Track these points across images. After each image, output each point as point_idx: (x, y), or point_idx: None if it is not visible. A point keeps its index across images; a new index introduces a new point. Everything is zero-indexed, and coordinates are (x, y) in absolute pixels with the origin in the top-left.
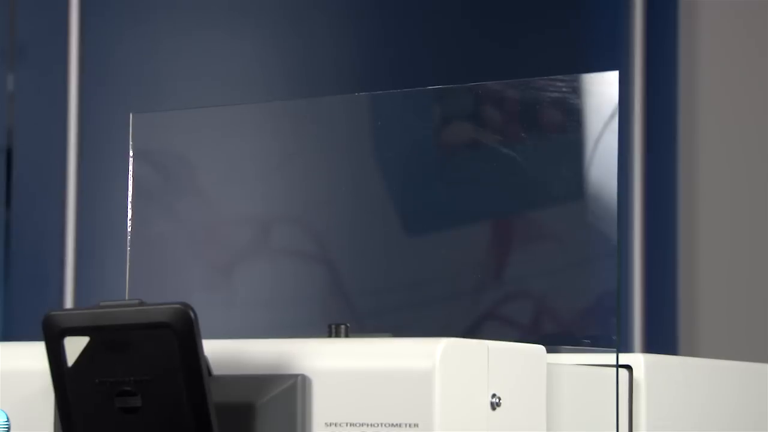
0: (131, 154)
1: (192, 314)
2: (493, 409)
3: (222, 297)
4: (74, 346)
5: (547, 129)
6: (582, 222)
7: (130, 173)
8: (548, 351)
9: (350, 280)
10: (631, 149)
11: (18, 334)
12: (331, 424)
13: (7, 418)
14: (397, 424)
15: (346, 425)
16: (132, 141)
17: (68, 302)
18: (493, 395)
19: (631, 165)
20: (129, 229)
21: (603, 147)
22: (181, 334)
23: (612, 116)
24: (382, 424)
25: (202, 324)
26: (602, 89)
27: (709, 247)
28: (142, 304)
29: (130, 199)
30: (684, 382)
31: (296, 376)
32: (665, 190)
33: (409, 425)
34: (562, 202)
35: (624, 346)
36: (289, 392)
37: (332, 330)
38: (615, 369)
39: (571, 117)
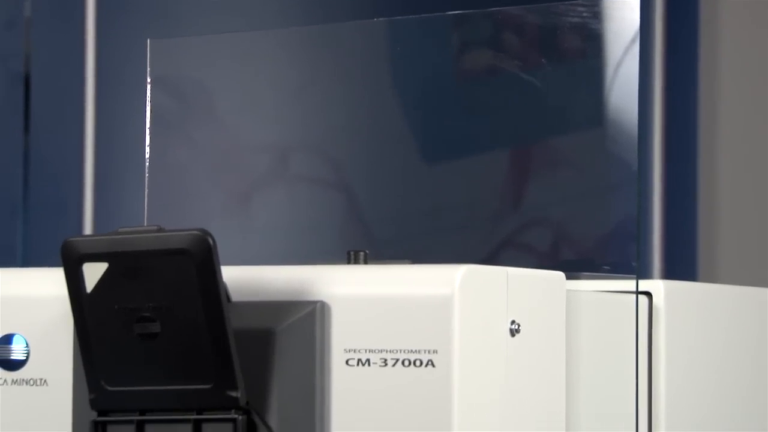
0: (149, 80)
1: (210, 240)
2: (513, 335)
3: (240, 224)
4: (93, 273)
5: (567, 55)
6: (602, 148)
7: (148, 100)
8: (568, 278)
9: (369, 208)
10: (651, 75)
11: (37, 261)
12: (349, 350)
13: (27, 344)
14: (415, 351)
15: (365, 351)
16: (149, 67)
17: (87, 229)
18: (513, 322)
19: (652, 90)
20: (147, 156)
21: (623, 73)
22: (199, 261)
23: (633, 41)
24: (400, 351)
25: (221, 251)
26: (623, 14)
27: (729, 173)
28: (160, 230)
29: (147, 125)
30: (704, 308)
31: (315, 302)
32: (685, 115)
33: (428, 351)
34: (582, 128)
35: (643, 273)
36: (307, 318)
37: (351, 256)
38: (635, 295)
39: (591, 42)
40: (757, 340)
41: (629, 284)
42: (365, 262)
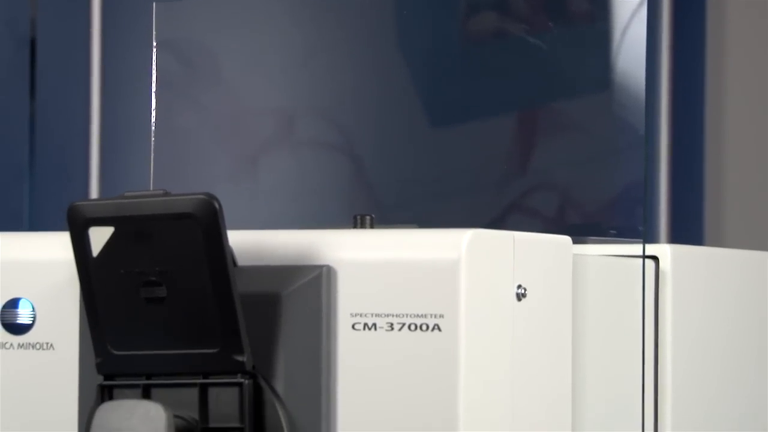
0: (154, 44)
1: (216, 204)
2: (519, 299)
3: (247, 188)
4: (99, 237)
5: (574, 18)
6: (609, 112)
7: (154, 64)
8: (574, 242)
9: (375, 172)
10: (658, 38)
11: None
12: (355, 315)
13: (33, 308)
14: (422, 315)
15: (371, 316)
16: (155, 31)
17: (93, 193)
18: (519, 286)
19: (659, 54)
20: (153, 120)
21: (630, 36)
22: (205, 225)
23: (640, 4)
24: (407, 315)
25: (227, 215)
26: None
27: (736, 136)
28: (166, 194)
29: (153, 89)
30: (710, 272)
31: (321, 266)
32: (692, 79)
33: (434, 316)
34: (589, 92)
35: (650, 237)
36: (314, 283)
37: (357, 221)
38: (641, 260)
39: (598, 6)
40: (763, 304)
41: (636, 248)
42: (371, 227)
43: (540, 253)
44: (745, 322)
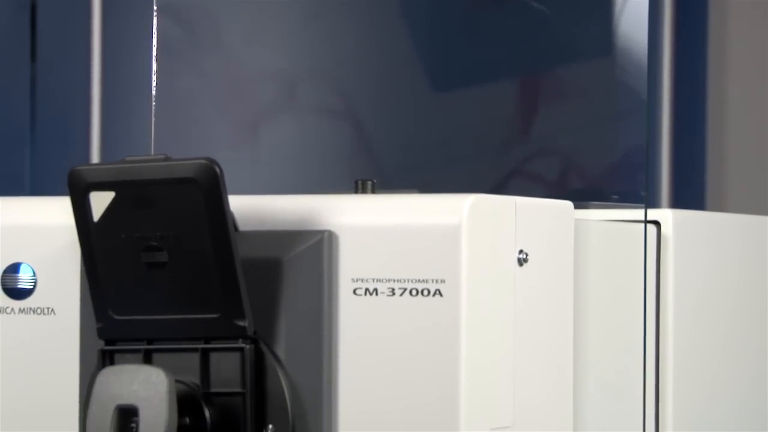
0: (155, 8)
1: (217, 169)
2: (521, 265)
3: (248, 153)
4: (100, 202)
5: None
6: (611, 77)
7: (155, 28)
8: (576, 207)
9: (376, 137)
10: (661, 3)
11: (45, 190)
12: (357, 280)
13: (34, 273)
14: (423, 280)
15: (373, 281)
16: None
17: (94, 158)
18: (521, 251)
19: (661, 18)
20: (154, 85)
21: (633, 1)
22: (206, 190)
23: None
24: (408, 280)
25: (228, 180)
26: None
27: (738, 101)
28: (167, 159)
29: (154, 54)
30: (712, 237)
31: (323, 231)
32: (695, 44)
33: (436, 281)
34: (591, 57)
35: (652, 202)
36: (315, 248)
37: (359, 186)
38: (643, 224)
39: None
40: (764, 268)
41: (638, 213)
42: (373, 192)
43: (542, 218)
44: (747, 287)
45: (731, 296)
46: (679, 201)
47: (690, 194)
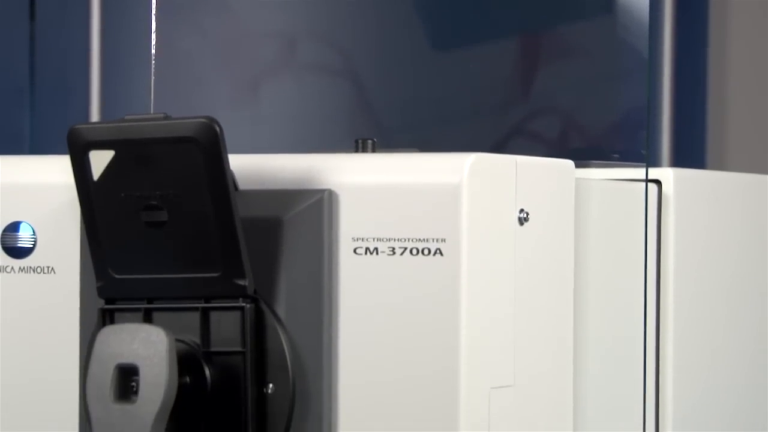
0: None
1: (217, 128)
2: (521, 224)
3: (248, 113)
4: (100, 160)
5: None
6: (612, 36)
7: None
8: (577, 166)
9: (377, 96)
10: None
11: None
12: (357, 239)
13: (34, 232)
14: (423, 239)
15: (373, 240)
16: None
17: (94, 116)
18: (521, 210)
19: None
20: (153, 43)
21: None
22: (206, 148)
23: None
24: (408, 239)
25: (228, 140)
26: None
27: (739, 60)
28: (167, 118)
29: (153, 11)
30: (713, 196)
31: (323, 191)
32: (696, 2)
33: (436, 240)
34: (592, 16)
35: (653, 161)
36: (315, 207)
37: (359, 145)
38: (644, 183)
39: None
40: (765, 228)
41: (639, 172)
42: (373, 151)
43: (542, 177)
44: (747, 245)
45: (732, 255)
46: (680, 160)
47: (691, 153)
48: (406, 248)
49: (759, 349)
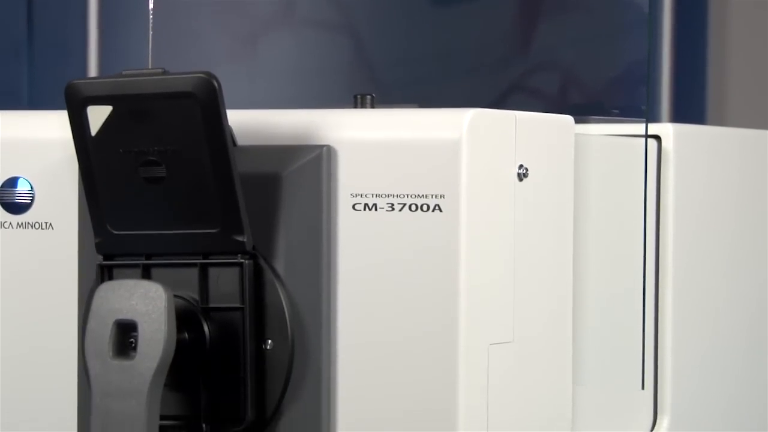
0: None
1: (216, 83)
2: (520, 180)
3: (246, 68)
4: (98, 116)
5: None
6: None
7: None
8: (576, 121)
9: (376, 51)
10: None
11: (42, 104)
12: (356, 195)
13: (32, 187)
14: (422, 195)
15: (372, 196)
16: None
17: (92, 71)
18: (520, 166)
19: None
20: None
21: None
22: (204, 104)
23: None
24: (407, 195)
25: (227, 95)
26: None
27: (739, 14)
28: (165, 73)
29: None
30: (712, 151)
31: (321, 146)
32: None
33: (435, 196)
34: None
35: (652, 116)
36: (314, 162)
37: (357, 100)
38: (644, 139)
39: None
40: (765, 182)
41: (638, 128)
42: (372, 106)
43: (542, 133)
44: (747, 200)
45: (731, 210)
46: (680, 115)
47: (691, 109)
48: (404, 204)
49: (759, 301)
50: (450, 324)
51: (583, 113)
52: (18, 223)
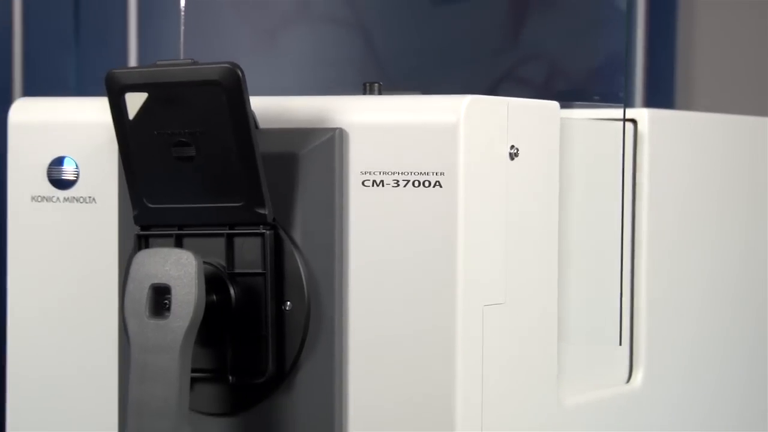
0: None
1: (240, 73)
2: (512, 159)
3: (267, 59)
4: (135, 102)
5: None
6: None
7: None
8: (561, 107)
9: (383, 45)
10: None
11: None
12: (365, 173)
13: (77, 165)
14: (424, 173)
15: (379, 173)
16: None
17: (131, 62)
18: (512, 146)
19: None
20: None
21: None
22: (229, 91)
23: None
24: (411, 173)
25: (250, 83)
26: None
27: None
28: (195, 63)
29: None
30: (684, 134)
31: (334, 129)
32: None
33: (436, 173)
34: None
35: (629, 102)
36: (328, 143)
37: (367, 88)
38: (621, 122)
39: None
40: (734, 166)
41: (617, 112)
42: (379, 93)
43: (531, 117)
44: (716, 179)
45: (702, 187)
46: (652, 101)
47: (661, 95)
48: (408, 181)
49: (724, 270)
50: (449, 287)
51: (567, 99)
52: (65, 198)
